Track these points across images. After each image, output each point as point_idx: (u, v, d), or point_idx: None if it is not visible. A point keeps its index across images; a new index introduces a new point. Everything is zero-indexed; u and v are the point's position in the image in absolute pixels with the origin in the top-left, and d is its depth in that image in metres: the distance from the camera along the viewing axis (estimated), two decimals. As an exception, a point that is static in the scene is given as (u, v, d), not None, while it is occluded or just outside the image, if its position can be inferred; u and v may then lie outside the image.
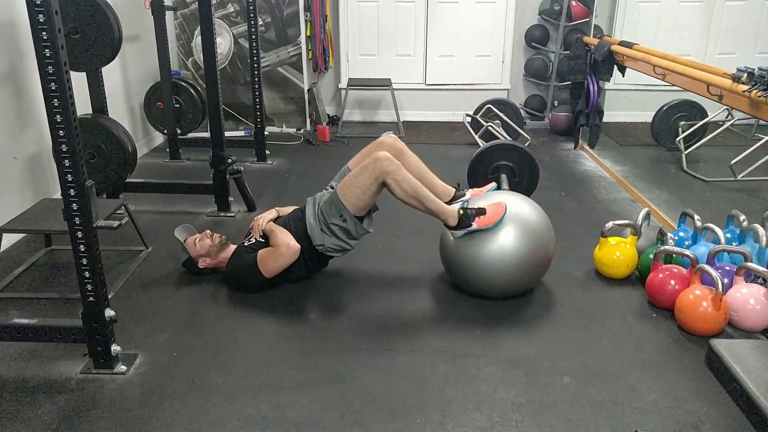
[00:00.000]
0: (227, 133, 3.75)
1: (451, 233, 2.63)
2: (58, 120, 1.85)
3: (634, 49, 4.06)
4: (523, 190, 3.56)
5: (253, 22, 4.39)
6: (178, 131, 4.68)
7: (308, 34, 5.55)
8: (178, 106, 4.62)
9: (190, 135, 4.79)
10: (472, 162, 3.65)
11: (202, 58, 3.51)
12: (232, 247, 2.85)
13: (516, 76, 6.03)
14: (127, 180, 3.49)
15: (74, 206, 1.94)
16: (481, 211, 2.55)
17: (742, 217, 2.83)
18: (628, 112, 5.72)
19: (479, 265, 2.57)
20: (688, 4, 5.64)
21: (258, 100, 4.56)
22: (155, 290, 2.77)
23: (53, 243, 3.13)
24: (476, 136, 5.02)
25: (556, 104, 5.85)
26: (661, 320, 2.54)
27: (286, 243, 2.64)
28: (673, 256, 2.71)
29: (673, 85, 3.49)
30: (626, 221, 2.98)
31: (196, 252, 2.80)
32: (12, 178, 3.27)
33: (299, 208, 2.86)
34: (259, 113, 4.58)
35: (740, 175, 4.14)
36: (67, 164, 1.90)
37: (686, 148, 4.63)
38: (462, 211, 2.56)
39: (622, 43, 4.24)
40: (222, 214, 3.64)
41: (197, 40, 5.15)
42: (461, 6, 5.80)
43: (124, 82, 4.63)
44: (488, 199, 2.66)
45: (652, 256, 2.69)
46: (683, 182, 4.33)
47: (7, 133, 3.24)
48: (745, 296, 2.41)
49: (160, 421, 1.94)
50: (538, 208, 2.70)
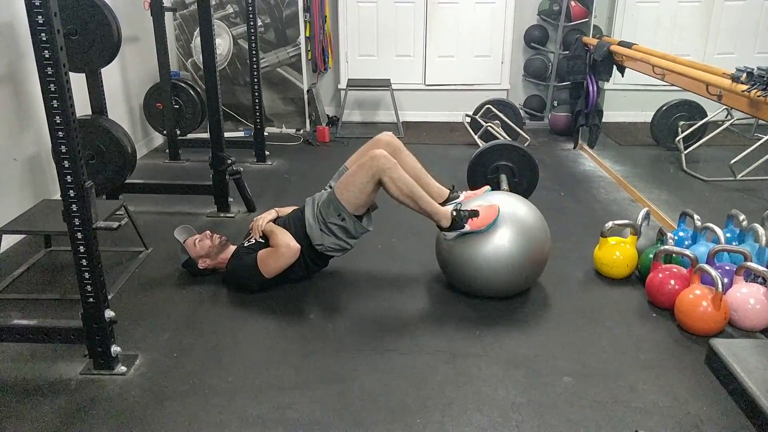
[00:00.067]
0: (227, 134, 3.75)
1: (443, 234, 2.64)
2: (58, 121, 1.85)
3: (634, 49, 4.06)
4: (522, 191, 3.57)
5: (252, 23, 4.39)
6: (178, 132, 4.68)
7: (307, 35, 5.55)
8: (178, 106, 4.62)
9: (190, 136, 4.79)
10: (472, 162, 3.65)
11: (202, 59, 3.51)
12: (232, 247, 2.85)
13: (515, 77, 6.03)
14: (127, 181, 3.49)
15: (74, 207, 1.94)
16: (474, 213, 2.55)
17: (742, 217, 2.83)
18: (628, 112, 5.71)
19: (475, 266, 2.57)
20: (687, 4, 5.65)
21: (257, 101, 4.56)
22: (155, 291, 2.77)
23: (53, 244, 3.13)
24: (476, 137, 5.02)
25: (556, 104, 5.86)
26: (661, 320, 2.54)
27: (286, 243, 2.65)
28: (673, 255, 2.71)
29: (673, 85, 3.50)
30: (626, 221, 2.98)
31: (196, 253, 2.80)
32: (11, 179, 3.27)
33: (298, 208, 2.86)
34: (258, 114, 4.58)
35: (740, 175, 4.14)
36: (67, 165, 1.90)
37: (686, 148, 4.63)
38: (455, 213, 2.57)
39: (622, 43, 4.25)
40: (222, 215, 3.64)
41: (196, 41, 5.15)
42: (460, 6, 5.80)
43: (124, 83, 4.63)
44: (482, 200, 2.67)
45: (651, 256, 2.69)
46: (683, 182, 4.33)
47: (7, 134, 3.24)
48: (745, 296, 2.41)
49: (160, 422, 1.94)
50: (533, 208, 2.70)
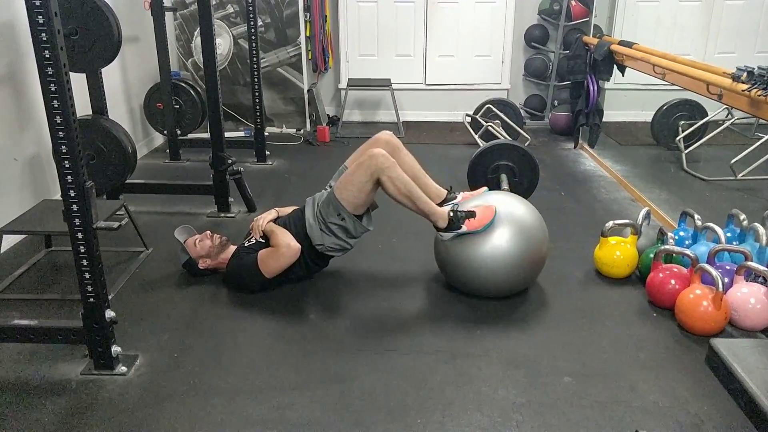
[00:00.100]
0: (227, 134, 3.75)
1: (440, 235, 2.64)
2: (58, 121, 1.85)
3: (634, 49, 4.06)
4: (523, 190, 3.57)
5: (252, 23, 4.39)
6: (178, 132, 4.68)
7: (308, 35, 5.55)
8: (178, 106, 4.62)
9: (190, 136, 4.79)
10: (472, 162, 3.65)
11: (202, 59, 3.51)
12: (232, 247, 2.85)
13: (516, 76, 6.03)
14: (127, 181, 3.48)
15: (74, 207, 1.95)
16: (471, 214, 2.55)
17: (743, 216, 2.83)
18: (628, 112, 5.71)
19: (473, 266, 2.57)
20: (687, 4, 5.64)
21: (258, 101, 4.56)
22: (155, 291, 2.77)
23: (53, 244, 3.13)
24: (476, 136, 5.01)
25: (556, 104, 5.85)
26: (662, 320, 2.54)
27: (287, 243, 2.65)
28: (674, 255, 2.71)
29: (673, 85, 3.49)
30: (626, 221, 2.98)
31: (196, 253, 2.80)
32: (12, 179, 3.28)
33: (299, 208, 2.86)
34: (258, 114, 4.58)
35: (740, 174, 4.14)
36: (67, 165, 1.90)
37: (686, 148, 4.63)
38: (452, 214, 2.57)
39: (622, 43, 4.24)
40: (222, 215, 3.64)
41: (197, 41, 5.15)
42: (461, 6, 5.80)
43: (124, 83, 4.63)
44: (479, 201, 2.67)
45: (652, 256, 2.69)
46: (683, 181, 4.33)
47: (7, 134, 3.24)
48: (745, 295, 2.40)
49: (161, 422, 1.94)
50: (531, 208, 2.70)
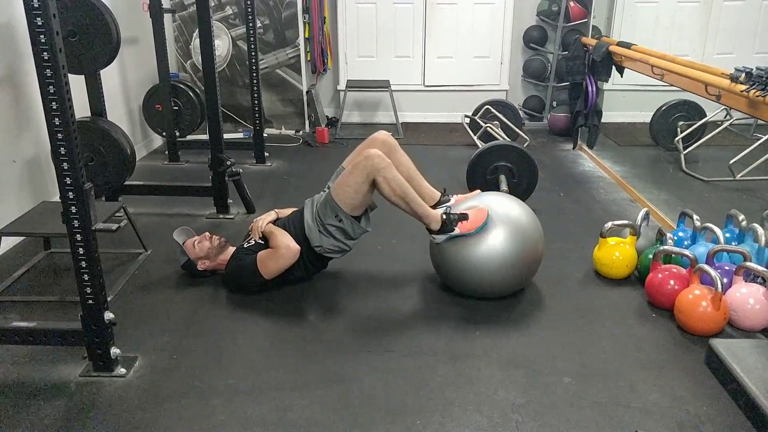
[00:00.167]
0: (226, 135, 3.75)
1: (432, 237, 2.64)
2: (57, 123, 1.85)
3: (633, 50, 4.06)
4: (522, 191, 3.57)
5: (251, 25, 4.40)
6: (177, 133, 4.67)
7: (307, 36, 5.56)
8: (177, 108, 4.61)
9: (189, 137, 4.79)
10: (471, 163, 3.65)
11: (201, 61, 3.51)
12: (231, 249, 2.84)
13: (514, 77, 6.03)
14: (126, 182, 3.49)
15: (73, 209, 1.94)
16: (464, 217, 2.56)
17: (741, 217, 2.83)
18: (627, 113, 5.72)
19: (468, 267, 2.57)
20: (686, 5, 5.65)
21: (257, 102, 4.56)
22: (154, 293, 2.77)
23: (52, 246, 3.13)
24: (475, 137, 5.01)
25: (555, 105, 5.86)
26: (661, 320, 2.54)
27: (286, 244, 2.64)
28: (673, 256, 2.71)
29: (672, 86, 3.50)
30: (625, 221, 2.98)
31: (195, 254, 2.80)
32: (10, 181, 3.27)
33: (298, 209, 2.86)
34: (257, 115, 4.58)
35: (739, 175, 4.14)
36: (66, 167, 1.90)
37: (685, 148, 4.63)
38: (445, 216, 2.57)
39: (621, 44, 4.25)
40: (221, 216, 3.64)
41: (196, 43, 5.15)
42: (459, 7, 5.80)
43: (123, 85, 4.63)
44: (472, 203, 2.67)
45: (651, 256, 2.69)
46: (682, 182, 4.33)
47: (6, 135, 3.24)
48: (744, 296, 2.41)
49: (160, 424, 1.94)
50: (526, 208, 2.70)
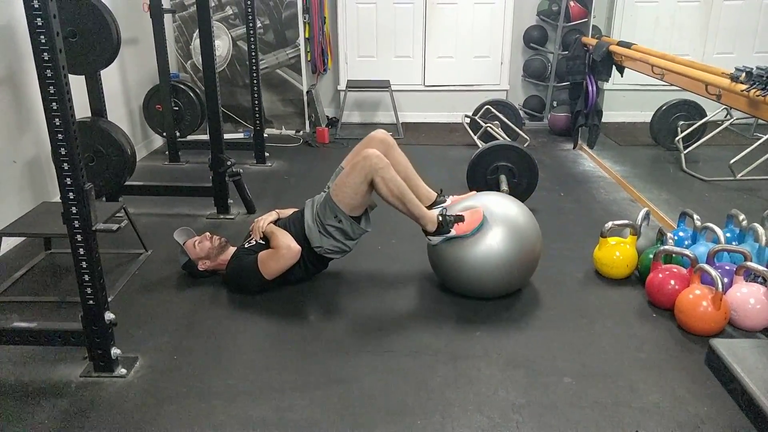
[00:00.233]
0: (226, 136, 3.75)
1: (428, 239, 2.64)
2: (57, 123, 1.85)
3: (633, 49, 4.06)
4: (522, 191, 3.57)
5: (251, 25, 4.40)
6: (177, 134, 4.68)
7: (307, 36, 5.56)
8: (177, 108, 4.62)
9: (189, 137, 4.79)
10: (471, 163, 3.65)
11: (201, 61, 3.52)
12: (232, 249, 2.84)
13: (515, 77, 6.03)
14: (127, 183, 3.49)
15: (73, 209, 1.94)
16: (460, 218, 2.57)
17: (742, 217, 2.83)
18: (627, 112, 5.72)
19: (465, 267, 2.57)
20: (686, 4, 5.65)
21: (257, 103, 4.56)
22: (155, 293, 2.77)
23: (53, 246, 3.13)
24: (475, 137, 5.01)
25: (555, 105, 5.85)
26: (661, 320, 2.54)
27: (287, 245, 2.64)
28: (673, 255, 2.71)
29: (672, 85, 3.50)
30: (626, 221, 2.98)
31: (196, 254, 2.80)
32: (11, 182, 3.28)
33: (299, 210, 2.86)
34: (258, 115, 4.58)
35: (739, 175, 4.14)
36: (66, 167, 1.90)
37: (685, 148, 4.63)
38: (441, 218, 2.58)
39: (621, 43, 4.25)
40: (221, 217, 3.64)
41: (196, 43, 5.15)
42: (459, 7, 5.80)
43: (123, 85, 4.63)
44: (468, 204, 2.67)
45: (651, 256, 2.69)
46: (682, 182, 4.33)
47: (6, 136, 3.24)
48: (745, 295, 2.40)
49: (160, 424, 1.94)
50: (523, 208, 2.70)
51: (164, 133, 4.73)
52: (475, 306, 2.63)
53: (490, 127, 4.98)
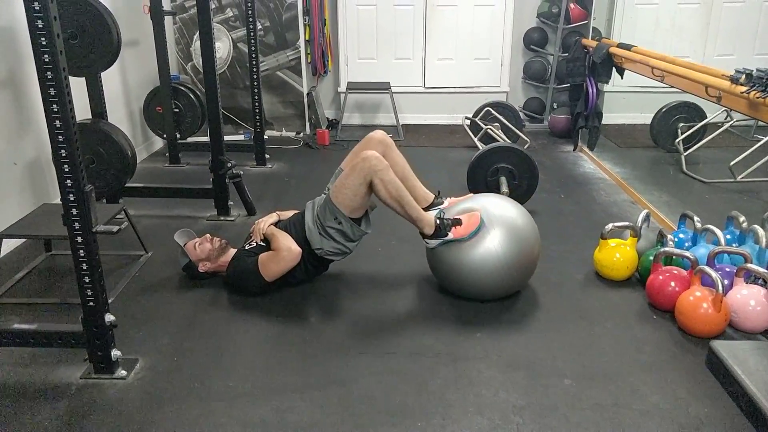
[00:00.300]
0: (227, 137, 3.76)
1: (425, 242, 2.64)
2: (58, 125, 1.86)
3: (633, 51, 4.06)
4: (522, 193, 3.57)
5: (252, 27, 4.40)
6: (178, 136, 4.68)
7: (307, 38, 5.57)
8: (178, 110, 4.62)
9: (190, 139, 4.80)
10: (472, 165, 3.65)
11: (201, 63, 3.52)
12: (232, 250, 2.84)
13: (515, 79, 6.04)
14: (127, 185, 3.49)
15: (74, 211, 1.95)
16: (457, 222, 2.57)
17: (742, 218, 2.83)
18: (627, 114, 5.72)
19: (464, 269, 2.57)
20: (686, 6, 5.66)
21: (257, 104, 4.57)
22: (155, 295, 2.77)
23: (53, 248, 3.13)
24: (475, 139, 5.01)
25: (555, 106, 5.86)
26: (662, 322, 2.54)
27: (288, 247, 2.64)
28: (673, 257, 2.71)
29: (672, 87, 3.50)
30: (626, 223, 2.98)
31: (196, 256, 2.80)
32: (11, 183, 3.28)
33: (300, 212, 2.86)
34: (258, 117, 4.58)
35: (740, 177, 4.14)
36: (67, 169, 1.90)
37: (685, 150, 4.63)
38: (438, 221, 2.58)
39: (621, 45, 4.25)
40: (222, 218, 3.64)
41: (196, 45, 5.16)
42: (459, 9, 5.81)
43: (124, 87, 4.63)
44: (465, 206, 2.67)
45: (651, 258, 2.69)
46: (683, 184, 4.33)
47: (7, 138, 3.24)
48: (745, 297, 2.41)
49: (161, 426, 1.94)
50: (521, 210, 2.70)
51: (164, 135, 4.73)
52: (475, 308, 2.63)
53: (491, 129, 4.98)
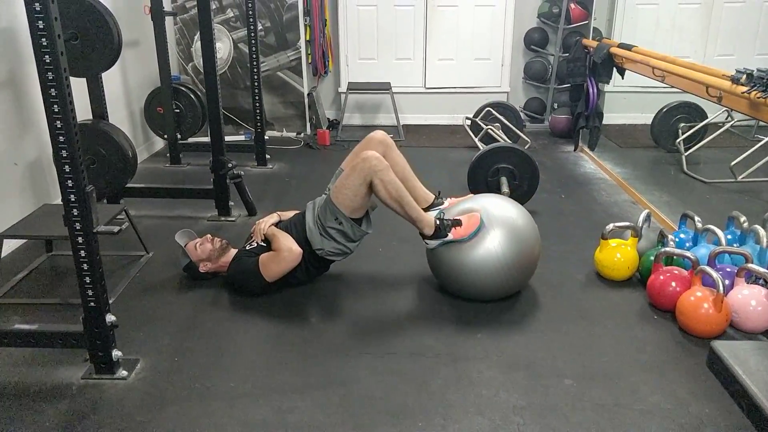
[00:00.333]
0: (227, 138, 3.76)
1: (425, 242, 2.64)
2: (58, 126, 1.86)
3: (633, 51, 4.06)
4: (523, 193, 3.57)
5: (252, 27, 4.40)
6: (179, 136, 4.68)
7: (308, 39, 5.57)
8: (178, 111, 4.62)
9: (191, 140, 4.80)
10: (472, 165, 3.65)
11: (202, 63, 3.52)
12: (233, 251, 2.85)
13: (515, 79, 6.04)
14: (128, 185, 3.49)
15: (75, 211, 1.95)
16: (457, 222, 2.57)
17: (743, 219, 2.83)
18: (628, 114, 5.72)
19: (464, 269, 2.57)
20: (686, 6, 5.65)
21: (258, 105, 4.57)
22: (156, 295, 2.77)
23: (54, 248, 3.13)
24: (476, 139, 5.01)
25: (556, 107, 5.86)
26: (662, 322, 2.53)
27: (288, 247, 2.64)
28: (674, 257, 2.71)
29: (673, 87, 3.50)
30: (627, 223, 2.98)
31: (197, 256, 2.80)
32: (12, 184, 3.28)
33: (301, 212, 2.86)
34: (259, 117, 4.59)
35: (740, 177, 4.14)
36: (68, 170, 1.90)
37: (686, 150, 4.63)
38: (438, 222, 2.58)
39: (621, 45, 4.25)
40: (222, 219, 3.64)
41: (197, 45, 5.16)
42: (460, 9, 5.81)
43: (124, 88, 4.63)
44: (465, 206, 2.67)
45: (652, 258, 2.69)
46: (683, 184, 4.33)
47: (8, 138, 3.25)
48: (746, 297, 2.40)
49: (162, 427, 1.94)
50: (522, 210, 2.70)
51: (165, 136, 4.73)
52: (475, 308, 2.63)
53: (491, 129, 4.98)
